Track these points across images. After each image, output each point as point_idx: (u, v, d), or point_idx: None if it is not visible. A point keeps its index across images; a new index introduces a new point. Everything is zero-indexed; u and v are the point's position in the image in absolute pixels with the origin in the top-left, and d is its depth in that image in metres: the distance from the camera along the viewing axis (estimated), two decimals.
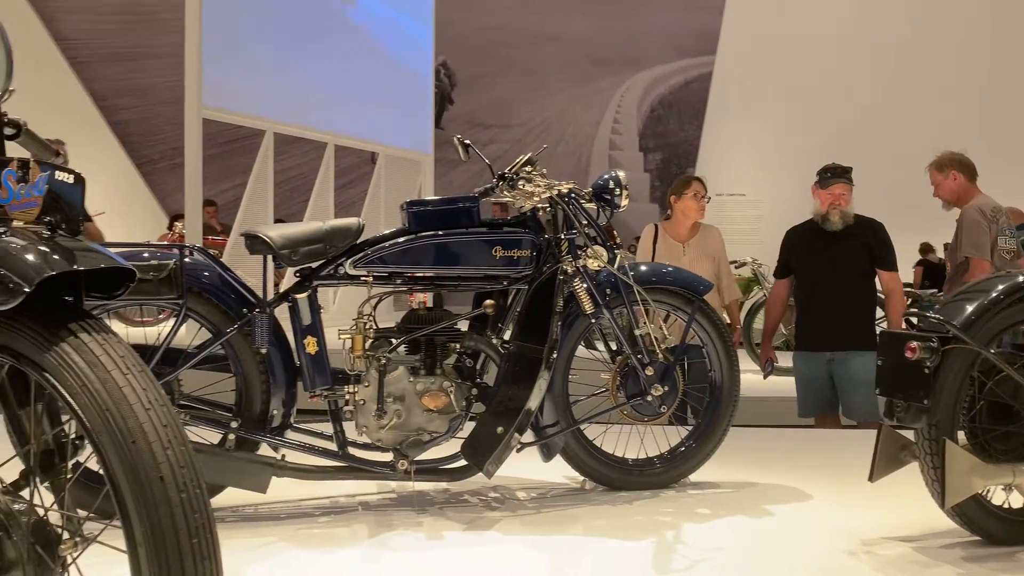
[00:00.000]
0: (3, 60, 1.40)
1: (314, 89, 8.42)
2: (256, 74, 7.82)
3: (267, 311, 2.73)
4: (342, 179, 9.45)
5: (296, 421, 2.83)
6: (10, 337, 1.21)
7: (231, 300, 2.72)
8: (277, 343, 2.75)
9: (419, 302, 2.93)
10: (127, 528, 1.12)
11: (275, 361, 2.75)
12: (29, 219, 1.28)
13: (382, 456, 2.80)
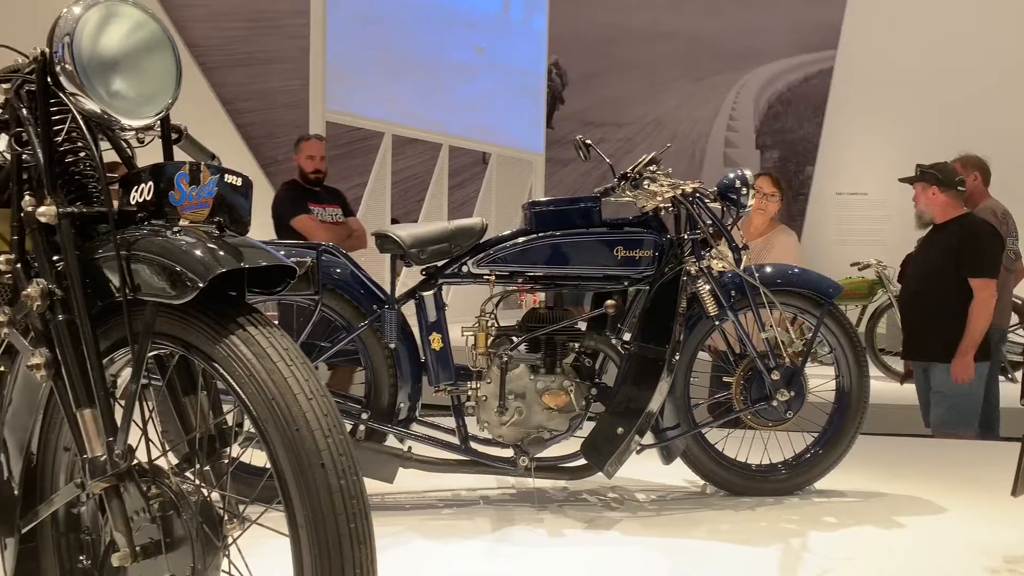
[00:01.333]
0: (173, 69, 1.49)
1: (430, 91, 8.60)
2: (375, 77, 8.05)
3: (395, 308, 2.82)
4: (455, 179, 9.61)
5: (420, 415, 2.91)
6: (182, 329, 1.30)
7: (362, 297, 2.82)
8: (404, 339, 2.84)
9: (535, 302, 2.96)
10: (289, 511, 1.18)
11: (402, 356, 2.84)
12: (199, 219, 1.36)
13: (502, 452, 2.84)
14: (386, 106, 8.16)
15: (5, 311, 1.42)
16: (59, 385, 1.35)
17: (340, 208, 4.82)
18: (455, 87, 8.90)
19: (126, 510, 1.30)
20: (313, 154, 4.76)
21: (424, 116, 8.57)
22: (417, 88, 8.45)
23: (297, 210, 4.59)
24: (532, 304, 4.20)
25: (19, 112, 1.44)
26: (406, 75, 8.35)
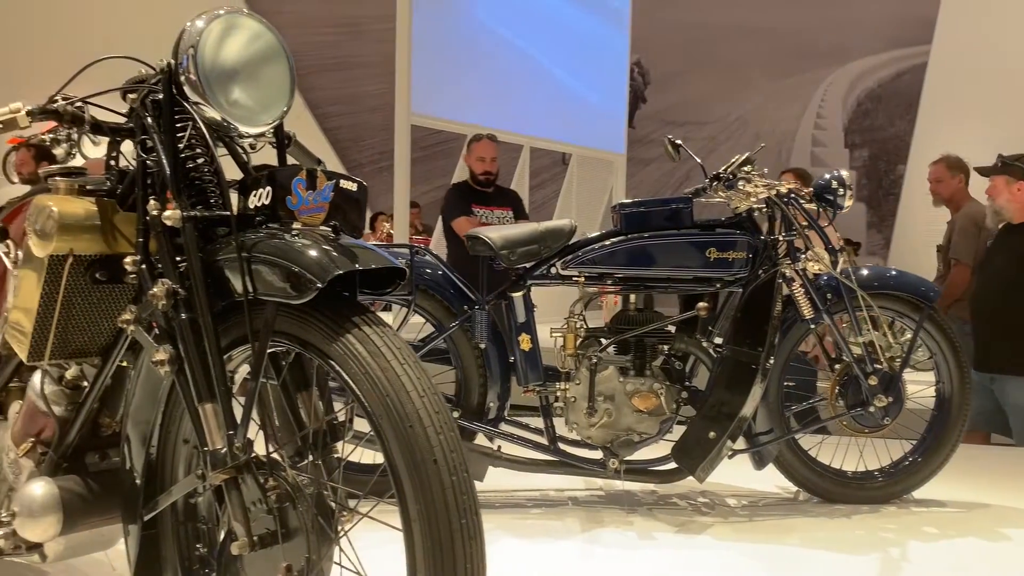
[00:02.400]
0: (288, 78, 1.55)
1: (512, 92, 8.65)
2: (458, 80, 8.14)
3: (485, 308, 2.86)
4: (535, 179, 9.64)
5: (509, 415, 2.94)
6: (299, 327, 1.35)
7: (453, 297, 2.86)
8: (494, 339, 2.87)
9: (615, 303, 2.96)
10: (403, 505, 1.21)
11: (492, 356, 2.87)
12: (315, 222, 1.41)
13: (591, 453, 2.84)
14: (469, 108, 8.25)
15: (131, 309, 1.49)
16: (181, 380, 1.42)
17: (512, 211, 4.67)
18: (536, 88, 8.93)
19: (244, 501, 1.35)
20: (484, 155, 4.63)
21: (505, 117, 8.63)
22: (499, 90, 8.51)
23: (458, 212, 4.51)
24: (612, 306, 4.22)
25: (144, 120, 1.52)
26: (488, 77, 8.42)
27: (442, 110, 7.99)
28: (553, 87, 9.12)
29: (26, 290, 1.56)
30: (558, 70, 9.22)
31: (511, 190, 4.90)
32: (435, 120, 8.04)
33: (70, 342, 1.60)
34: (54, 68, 6.55)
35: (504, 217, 4.61)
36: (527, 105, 8.85)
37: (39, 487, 1.58)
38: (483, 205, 4.58)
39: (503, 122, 8.68)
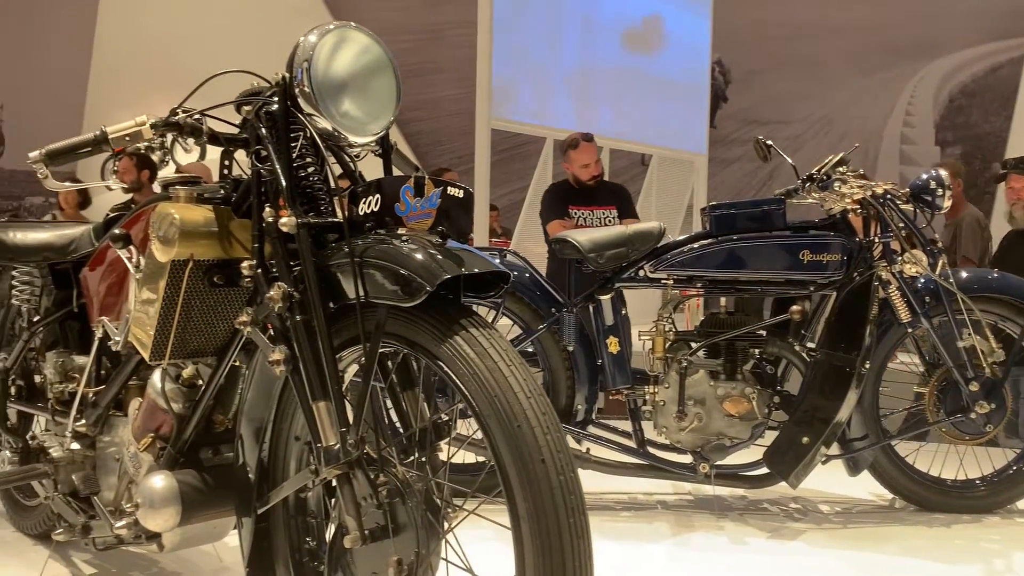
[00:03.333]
0: (394, 90, 1.60)
1: (592, 94, 8.65)
2: (537, 82, 8.18)
3: (573, 311, 2.88)
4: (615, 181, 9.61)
5: (596, 417, 2.95)
6: (408, 329, 1.40)
7: (540, 300, 2.89)
8: (582, 342, 2.88)
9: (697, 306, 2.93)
10: (511, 504, 1.24)
11: (580, 359, 2.89)
12: (423, 228, 1.46)
13: (680, 457, 2.83)
14: (548, 111, 8.28)
15: (248, 312, 1.56)
16: (296, 379, 1.48)
17: (616, 208, 4.33)
18: (615, 89, 8.90)
19: (356, 496, 1.40)
20: (587, 162, 4.28)
21: (584, 119, 8.62)
22: (577, 91, 8.52)
23: (552, 215, 4.30)
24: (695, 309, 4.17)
25: (259, 131, 1.59)
26: (567, 79, 8.43)
27: (521, 113, 8.04)
28: (633, 87, 9.07)
29: (149, 293, 1.65)
30: (638, 70, 9.17)
31: (619, 186, 4.54)
32: (515, 123, 8.10)
33: (188, 343, 1.69)
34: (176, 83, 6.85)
35: (606, 216, 4.29)
36: (606, 106, 8.83)
37: (160, 480, 1.66)
38: (582, 205, 4.30)
39: (581, 124, 8.68)
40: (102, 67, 10.30)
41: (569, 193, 4.35)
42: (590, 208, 4.30)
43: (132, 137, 1.60)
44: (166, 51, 9.70)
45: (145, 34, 9.93)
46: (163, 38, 9.77)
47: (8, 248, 2.23)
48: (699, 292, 2.91)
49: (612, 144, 8.97)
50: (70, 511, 1.98)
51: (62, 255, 2.16)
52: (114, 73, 10.14)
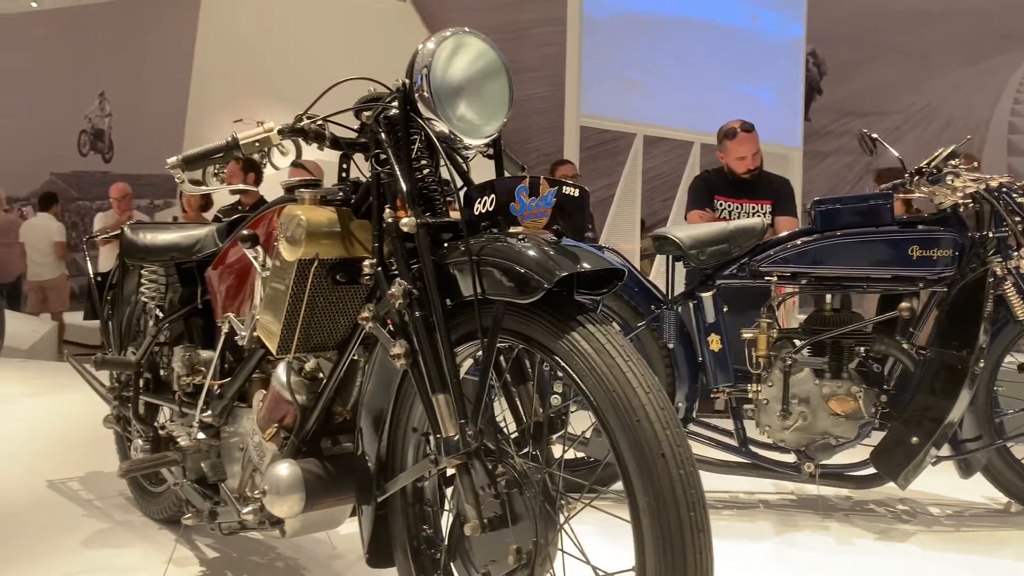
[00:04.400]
0: (507, 93, 1.64)
1: (681, 87, 8.55)
2: (627, 78, 8.14)
3: (673, 308, 2.87)
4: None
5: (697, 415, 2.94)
6: (524, 325, 1.43)
7: (639, 296, 2.90)
8: (682, 339, 2.88)
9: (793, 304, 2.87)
10: (631, 498, 1.27)
11: (679, 356, 2.88)
12: (538, 227, 1.49)
13: (783, 456, 2.80)
14: (637, 106, 8.23)
15: (369, 308, 1.63)
16: (415, 373, 1.54)
17: (772, 203, 3.97)
18: (706, 82, 8.78)
19: (475, 485, 1.45)
20: (744, 154, 3.94)
21: (674, 114, 8.53)
22: (667, 86, 8.44)
23: (694, 204, 3.99)
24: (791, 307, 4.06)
25: (378, 136, 1.65)
26: (656, 73, 8.36)
27: (610, 109, 8.02)
28: (724, 81, 8.93)
29: (276, 291, 1.74)
30: (728, 63, 9.02)
31: (782, 180, 4.17)
32: (603, 120, 8.08)
33: (312, 337, 1.77)
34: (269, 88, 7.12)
35: (757, 211, 3.93)
36: (697, 100, 8.72)
37: (285, 468, 1.75)
38: (731, 197, 3.95)
39: (672, 119, 8.60)
40: (202, 75, 10.73)
41: (720, 183, 4.01)
42: (740, 201, 3.98)
43: (261, 143, 1.69)
44: (261, 58, 10.05)
45: (241, 42, 10.30)
46: (258, 46, 10.12)
47: (139, 249, 2.37)
48: (795, 289, 2.86)
49: (702, 139, 8.84)
50: (198, 497, 2.10)
51: (188, 255, 2.28)
52: (213, 80, 10.55)
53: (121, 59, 11.90)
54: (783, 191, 4.07)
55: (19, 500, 2.80)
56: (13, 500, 2.80)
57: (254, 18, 10.34)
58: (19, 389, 4.59)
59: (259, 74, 10.08)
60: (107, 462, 2.98)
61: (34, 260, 7.96)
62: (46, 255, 7.80)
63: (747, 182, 3.96)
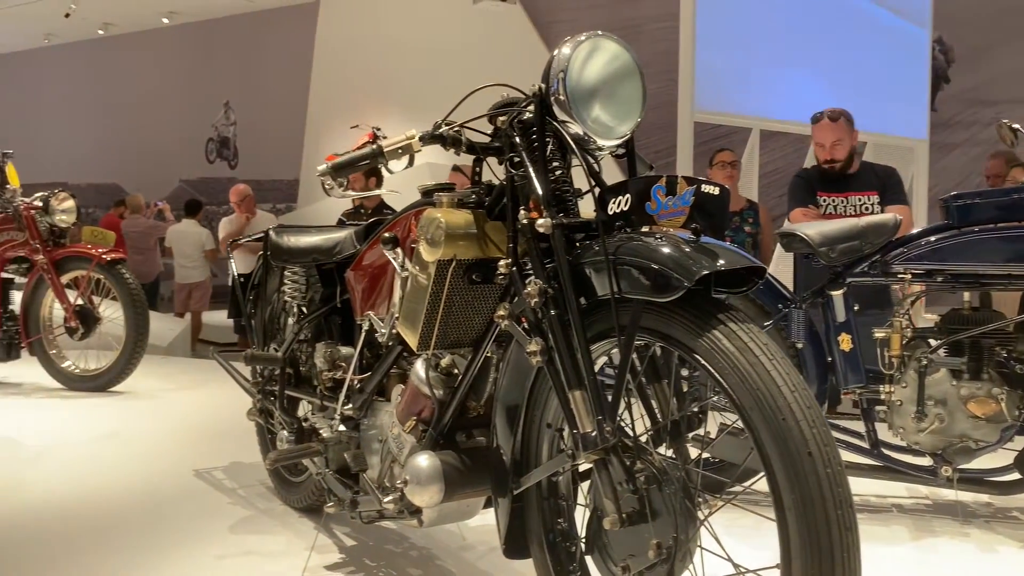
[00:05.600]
0: (640, 94, 1.66)
1: (798, 79, 8.32)
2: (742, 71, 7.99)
3: (802, 307, 2.82)
4: None
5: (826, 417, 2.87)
6: (662, 323, 1.45)
7: (766, 295, 2.86)
8: (811, 339, 2.82)
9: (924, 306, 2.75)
10: (776, 495, 1.27)
11: (808, 357, 2.82)
12: (675, 226, 1.51)
13: (919, 460, 2.71)
14: (753, 100, 8.06)
15: (504, 306, 1.68)
16: (551, 370, 1.58)
17: (879, 194, 3.78)
18: (825, 74, 8.51)
19: (613, 481, 1.48)
20: (822, 141, 3.80)
21: (792, 107, 8.30)
22: (784, 78, 8.23)
23: (795, 203, 3.83)
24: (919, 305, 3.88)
25: (513, 139, 1.70)
26: (773, 66, 8.17)
27: (724, 104, 7.89)
28: (844, 71, 8.64)
29: (417, 290, 1.81)
30: (849, 53, 8.72)
31: (887, 168, 3.94)
32: (718, 115, 7.96)
33: (449, 335, 1.83)
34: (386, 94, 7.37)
35: (863, 203, 3.76)
36: (816, 92, 8.46)
37: (425, 459, 1.82)
38: (833, 191, 3.79)
39: (789, 112, 8.37)
40: (319, 82, 11.14)
41: (820, 179, 3.84)
42: (843, 194, 3.80)
43: (404, 150, 1.77)
44: (375, 65, 10.36)
45: (356, 50, 10.64)
46: (372, 53, 10.43)
47: (284, 251, 2.51)
48: (923, 288, 2.75)
49: None
50: (340, 486, 2.20)
51: (328, 256, 2.40)
52: (329, 87, 10.94)
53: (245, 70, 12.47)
54: (889, 180, 3.89)
55: (171, 489, 3.00)
56: (166, 489, 3.01)
57: (368, 26, 10.66)
58: (162, 384, 4.90)
59: (373, 80, 10.40)
60: (247, 453, 3.16)
61: (181, 264, 8.43)
62: (192, 259, 8.24)
63: (849, 175, 3.81)
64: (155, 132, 12.97)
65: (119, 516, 2.71)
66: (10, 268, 4.66)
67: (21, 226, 4.57)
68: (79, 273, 4.57)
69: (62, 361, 4.75)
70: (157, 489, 3.00)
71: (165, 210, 10.03)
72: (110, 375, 4.59)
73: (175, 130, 12.90)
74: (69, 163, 13.08)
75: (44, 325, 4.72)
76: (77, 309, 4.54)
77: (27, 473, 3.20)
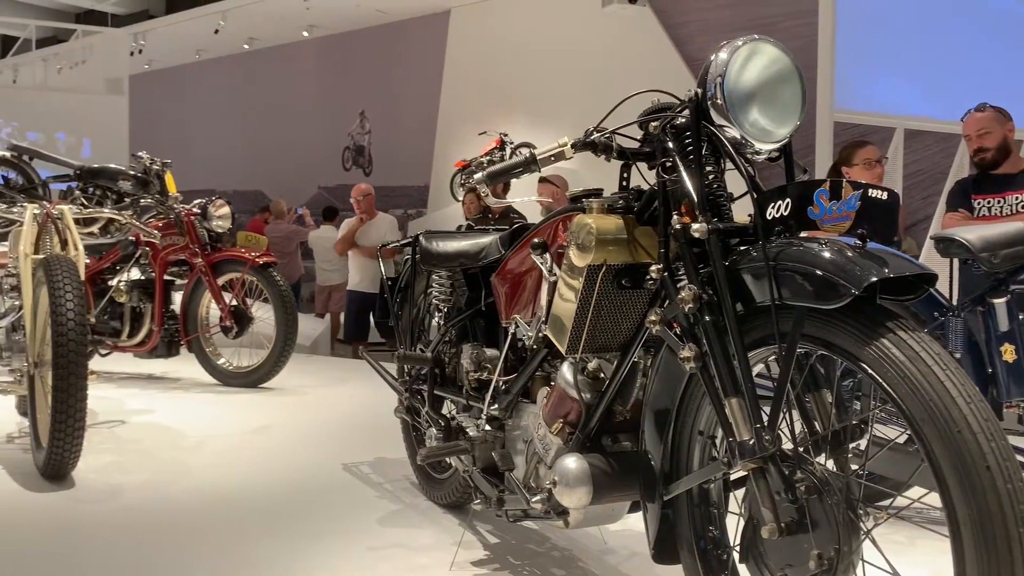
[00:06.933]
0: (800, 98, 1.64)
1: (947, 76, 7.90)
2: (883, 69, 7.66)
3: (960, 315, 2.69)
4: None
5: None
6: (825, 330, 1.42)
7: (921, 303, 2.73)
8: (970, 349, 2.69)
9: None
10: (949, 510, 1.22)
11: (967, 367, 2.69)
12: (839, 231, 1.48)
13: None
14: (896, 98, 7.71)
15: (656, 311, 1.68)
16: (705, 376, 1.57)
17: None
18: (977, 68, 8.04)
19: (771, 490, 1.46)
20: (968, 132, 3.67)
21: (939, 104, 7.90)
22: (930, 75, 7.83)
23: (948, 207, 3.67)
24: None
25: (665, 144, 1.71)
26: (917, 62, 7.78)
27: (865, 102, 7.59)
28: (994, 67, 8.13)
29: (566, 294, 1.84)
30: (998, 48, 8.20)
31: None
32: (859, 114, 7.66)
33: (597, 339, 1.85)
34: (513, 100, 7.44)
35: (1020, 202, 3.56)
36: (965, 90, 8.00)
37: (574, 461, 1.85)
38: (987, 193, 3.60)
39: (936, 110, 7.96)
40: (450, 90, 11.39)
41: (977, 182, 3.67)
42: (1000, 195, 3.61)
43: (556, 157, 1.80)
44: (504, 72, 10.51)
45: (486, 58, 10.83)
46: (501, 60, 10.58)
47: (432, 256, 2.60)
48: None
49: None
50: (487, 484, 2.26)
51: (474, 261, 2.47)
52: (459, 95, 11.17)
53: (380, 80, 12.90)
54: None
55: (324, 480, 3.15)
56: (318, 480, 3.16)
57: (497, 34, 10.83)
58: (308, 381, 5.15)
59: (501, 86, 10.55)
60: (390, 448, 3.28)
61: (322, 267, 8.82)
62: (331, 262, 8.59)
63: (1007, 176, 3.61)
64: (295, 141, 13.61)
65: (278, 503, 2.88)
66: (171, 271, 4.99)
67: (182, 231, 4.89)
68: (234, 275, 4.87)
69: (217, 358, 5.06)
70: (310, 480, 3.16)
71: (305, 215, 10.52)
72: (261, 372, 4.86)
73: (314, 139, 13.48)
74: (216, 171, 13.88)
75: (201, 324, 5.04)
76: (232, 309, 4.83)
77: (190, 461, 3.43)
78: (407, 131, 12.41)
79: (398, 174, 12.72)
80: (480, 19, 11.05)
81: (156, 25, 12.86)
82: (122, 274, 4.82)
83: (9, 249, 3.68)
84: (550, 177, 5.18)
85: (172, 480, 3.15)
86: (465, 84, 11.10)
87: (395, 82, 12.62)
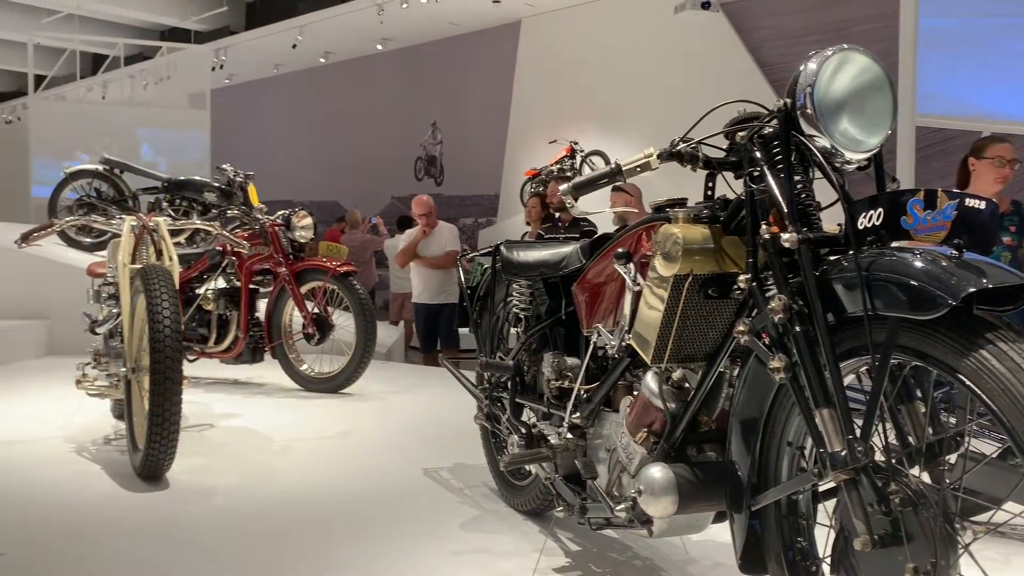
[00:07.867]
0: (890, 106, 1.62)
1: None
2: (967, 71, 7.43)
3: None
4: None
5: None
6: (921, 341, 1.41)
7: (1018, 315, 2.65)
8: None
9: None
10: None
11: None
12: (934, 241, 1.46)
13: None
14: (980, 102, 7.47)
15: (745, 321, 1.69)
16: (795, 387, 1.57)
17: None
18: None
19: (863, 501, 1.45)
20: None
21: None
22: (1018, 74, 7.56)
23: None
24: None
25: (753, 154, 1.71)
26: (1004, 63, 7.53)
27: (947, 106, 7.37)
28: None
29: (652, 304, 1.86)
30: None
31: None
32: (942, 118, 7.45)
33: (683, 348, 1.86)
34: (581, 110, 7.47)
35: None
36: None
37: (659, 470, 1.86)
38: None
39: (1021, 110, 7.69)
40: (520, 100, 11.46)
41: None
42: None
43: (642, 167, 1.82)
44: (574, 81, 10.53)
45: (556, 67, 10.87)
46: (571, 69, 10.60)
47: (514, 265, 2.64)
48: None
49: None
50: (569, 492, 2.28)
51: (555, 270, 2.50)
52: (530, 105, 11.23)
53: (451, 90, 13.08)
54: None
55: (405, 485, 3.22)
56: (400, 484, 3.23)
57: (567, 42, 10.87)
58: (386, 387, 5.25)
59: (571, 95, 10.58)
60: (470, 454, 3.33)
61: (396, 275, 8.96)
62: (404, 271, 8.72)
63: None
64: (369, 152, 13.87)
65: (362, 507, 2.95)
66: (256, 279, 5.15)
67: (266, 241, 5.05)
68: (316, 284, 5.00)
69: (300, 364, 5.20)
70: (392, 484, 3.23)
71: (379, 225, 10.72)
72: (342, 377, 4.98)
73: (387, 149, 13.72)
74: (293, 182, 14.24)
75: (285, 331, 5.19)
76: (314, 317, 4.96)
77: (276, 464, 3.54)
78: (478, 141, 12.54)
79: (469, 183, 12.85)
80: (550, 28, 11.11)
81: (237, 41, 13.28)
82: (209, 283, 5.00)
83: (108, 259, 3.86)
84: (623, 185, 5.18)
85: (260, 483, 3.26)
86: (535, 93, 11.16)
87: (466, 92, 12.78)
